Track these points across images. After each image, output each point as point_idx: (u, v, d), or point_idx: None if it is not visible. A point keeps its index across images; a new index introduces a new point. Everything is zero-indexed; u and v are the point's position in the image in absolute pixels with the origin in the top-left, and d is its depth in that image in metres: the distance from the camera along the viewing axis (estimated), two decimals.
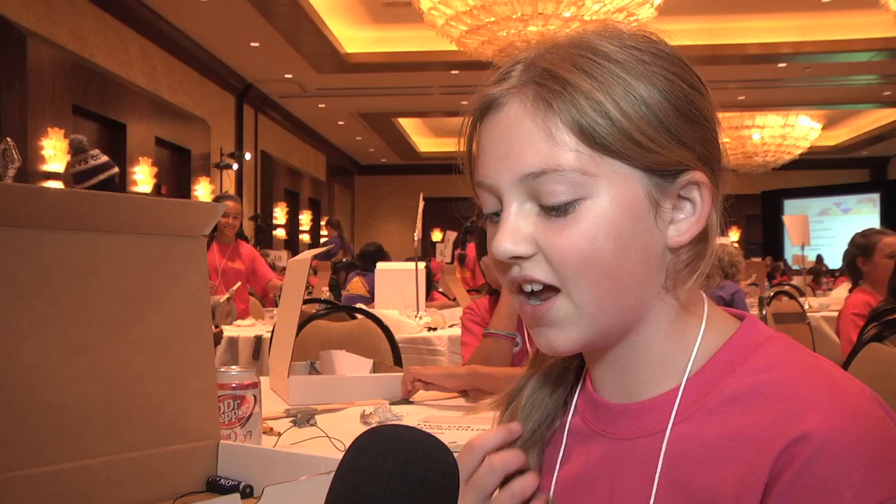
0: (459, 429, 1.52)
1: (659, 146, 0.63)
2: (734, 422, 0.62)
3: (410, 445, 0.52)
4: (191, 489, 1.00)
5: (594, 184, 0.63)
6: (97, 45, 7.55)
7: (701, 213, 0.66)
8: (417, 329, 3.71)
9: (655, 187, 0.65)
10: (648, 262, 0.65)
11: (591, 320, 0.65)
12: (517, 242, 0.65)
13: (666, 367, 0.68)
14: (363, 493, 0.50)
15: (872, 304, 3.43)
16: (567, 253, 0.63)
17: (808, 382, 0.61)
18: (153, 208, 1.01)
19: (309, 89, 11.53)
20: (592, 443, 0.71)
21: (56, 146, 6.42)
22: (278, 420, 1.63)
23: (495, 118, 0.67)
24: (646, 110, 0.63)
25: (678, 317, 0.68)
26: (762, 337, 0.67)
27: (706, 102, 0.67)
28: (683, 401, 0.66)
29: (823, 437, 0.57)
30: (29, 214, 0.88)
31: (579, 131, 0.63)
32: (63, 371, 0.90)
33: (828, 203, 16.72)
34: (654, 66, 0.65)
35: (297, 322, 1.97)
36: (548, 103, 0.64)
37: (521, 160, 0.64)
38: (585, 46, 0.65)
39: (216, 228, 4.88)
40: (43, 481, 0.87)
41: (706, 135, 0.67)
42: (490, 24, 6.80)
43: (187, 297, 1.02)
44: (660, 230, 0.65)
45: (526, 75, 0.66)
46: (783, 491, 0.57)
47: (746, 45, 9.72)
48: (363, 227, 18.00)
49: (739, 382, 0.64)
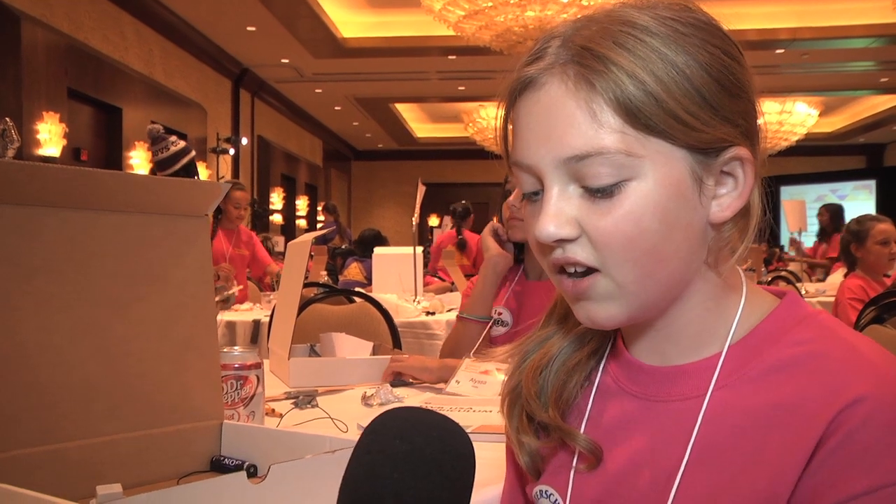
0: (461, 410, 1.52)
1: (703, 123, 0.63)
2: (778, 390, 0.62)
3: (426, 427, 0.52)
4: (195, 469, 1.01)
5: (639, 165, 0.62)
6: (92, 29, 7.49)
7: (744, 188, 0.66)
8: (416, 313, 3.71)
9: (699, 164, 0.64)
10: (692, 238, 0.65)
11: (633, 297, 0.65)
12: (561, 225, 0.64)
13: (704, 337, 0.68)
14: (379, 474, 0.50)
15: (867, 289, 3.45)
16: (613, 235, 0.63)
17: (852, 355, 0.62)
18: (156, 187, 1.01)
19: (306, 74, 11.48)
20: (624, 400, 0.72)
21: (51, 130, 6.37)
22: (279, 402, 1.64)
23: (533, 98, 0.66)
24: (688, 86, 0.62)
25: (718, 292, 0.68)
26: (805, 312, 0.68)
27: (745, 73, 0.66)
28: (724, 368, 0.66)
29: (875, 402, 0.57)
30: (32, 193, 0.88)
31: (623, 112, 0.62)
32: (66, 350, 0.90)
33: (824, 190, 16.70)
34: (694, 38, 0.64)
35: (297, 305, 1.97)
36: (590, 83, 0.62)
37: (563, 142, 0.63)
38: (622, 20, 0.64)
39: (222, 215, 4.89)
40: (47, 460, 0.87)
41: (747, 107, 0.66)
42: (487, 9, 6.77)
43: (191, 277, 1.02)
44: (703, 207, 0.65)
45: (564, 53, 0.65)
46: (825, 457, 0.58)
47: (744, 31, 9.67)
48: (360, 212, 17.97)
49: (783, 353, 0.64)
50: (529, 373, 0.75)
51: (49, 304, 0.89)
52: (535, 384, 0.75)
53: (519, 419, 0.75)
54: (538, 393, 0.74)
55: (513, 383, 0.77)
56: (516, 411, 0.76)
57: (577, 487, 0.71)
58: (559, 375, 0.75)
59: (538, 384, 0.75)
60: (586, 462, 0.71)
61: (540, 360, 0.76)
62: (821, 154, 16.85)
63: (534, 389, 0.74)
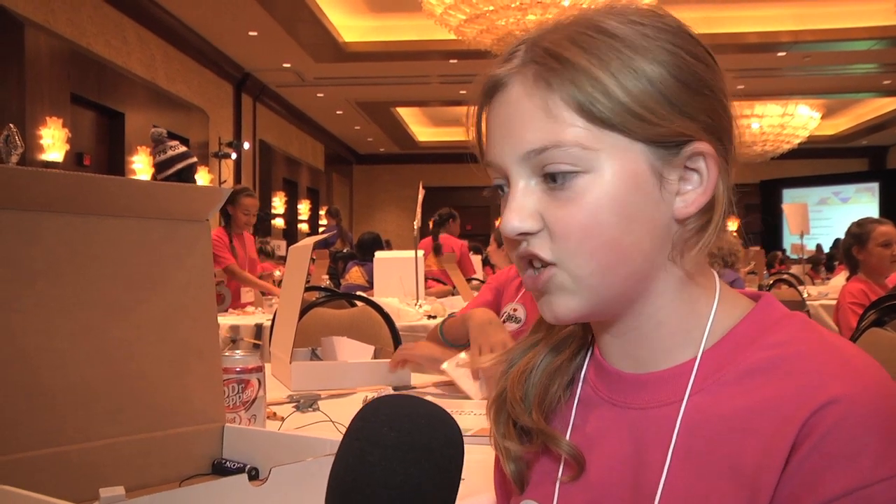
0: (461, 413, 1.53)
1: (659, 118, 0.64)
2: (754, 394, 0.62)
3: (415, 415, 0.53)
4: (196, 471, 1.01)
5: (595, 158, 0.64)
6: (95, 34, 7.51)
7: (707, 183, 0.66)
8: (417, 317, 3.71)
9: (659, 159, 0.65)
10: (654, 233, 0.66)
11: (592, 291, 0.66)
12: (524, 219, 0.66)
13: (677, 340, 0.68)
14: (368, 461, 0.50)
15: (868, 293, 3.44)
16: (570, 226, 0.64)
17: (827, 356, 0.62)
18: (157, 192, 1.01)
19: (307, 78, 11.50)
20: (603, 410, 0.72)
21: (54, 135, 6.38)
22: (281, 405, 1.64)
23: (500, 99, 0.68)
24: (645, 83, 0.63)
25: (685, 287, 0.68)
26: (780, 314, 0.68)
27: (712, 73, 0.67)
28: (699, 372, 0.66)
29: (848, 402, 0.57)
30: (34, 197, 0.88)
31: (578, 107, 0.63)
32: (68, 354, 0.91)
33: (826, 192, 16.71)
34: (657, 40, 0.65)
35: (298, 308, 1.98)
36: (547, 82, 0.65)
37: (523, 138, 0.65)
38: (587, 24, 0.66)
39: (231, 220, 4.91)
40: (49, 463, 0.88)
41: (711, 105, 0.67)
42: (489, 13, 6.78)
43: (191, 281, 1.02)
44: (666, 202, 0.66)
45: (528, 55, 0.67)
46: (801, 460, 0.57)
47: (746, 34, 9.69)
48: (361, 216, 17.98)
49: (758, 356, 0.64)
50: (514, 378, 0.76)
51: (50, 307, 0.89)
52: (519, 389, 0.75)
53: (505, 425, 0.75)
54: (522, 398, 0.74)
55: (499, 390, 0.77)
56: (502, 418, 0.76)
57: (563, 499, 0.71)
58: (542, 380, 0.75)
59: (523, 389, 0.75)
60: (571, 472, 0.71)
61: (525, 366, 0.76)
62: (823, 157, 16.84)
63: (518, 394, 0.74)
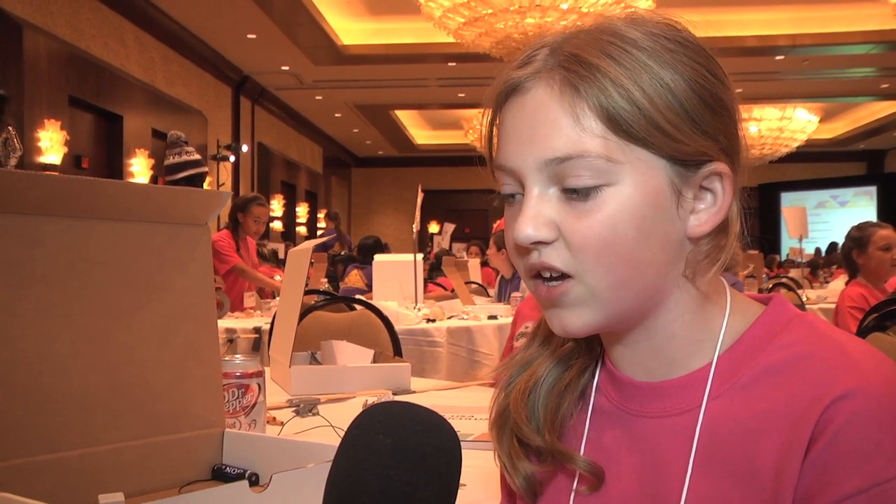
0: (461, 418, 1.52)
1: (684, 135, 0.63)
2: (770, 396, 0.63)
3: (410, 422, 0.52)
4: (196, 477, 1.00)
5: (619, 171, 0.63)
6: (93, 36, 7.51)
7: (722, 203, 0.66)
8: (416, 321, 3.71)
9: (678, 176, 0.65)
10: (668, 249, 0.66)
11: (606, 304, 0.65)
12: (539, 227, 0.64)
13: (690, 349, 0.68)
14: (365, 468, 0.50)
15: (868, 297, 3.44)
16: (589, 238, 0.63)
17: (839, 353, 0.62)
18: (157, 196, 1.01)
19: (306, 81, 11.50)
20: (620, 419, 0.71)
21: (52, 138, 6.37)
22: (281, 410, 1.63)
23: (519, 102, 0.67)
24: (671, 99, 0.63)
25: (699, 306, 0.68)
26: (791, 315, 0.68)
27: (729, 93, 0.68)
28: (715, 378, 0.66)
29: (861, 397, 0.58)
30: (33, 201, 0.88)
31: (606, 118, 0.63)
32: (68, 359, 0.90)
33: (825, 196, 16.73)
34: (680, 55, 0.65)
35: (298, 312, 1.97)
36: (575, 88, 0.63)
37: (546, 145, 0.64)
38: (612, 32, 0.65)
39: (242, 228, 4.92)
40: (49, 468, 0.87)
41: (728, 126, 0.67)
42: (487, 16, 6.80)
43: (192, 286, 1.02)
44: (681, 219, 0.66)
45: (552, 59, 0.66)
46: (816, 457, 0.58)
47: (744, 38, 9.70)
48: (360, 219, 17.97)
49: (771, 358, 0.64)
50: (517, 396, 0.74)
51: (50, 312, 0.89)
52: (524, 408, 0.73)
53: (510, 444, 0.74)
54: (528, 416, 0.73)
55: (499, 409, 0.76)
56: (506, 436, 0.75)
57: None
58: (551, 398, 0.74)
59: (528, 407, 0.74)
60: (587, 483, 0.70)
61: (527, 383, 0.75)
62: (821, 160, 16.86)
63: (524, 413, 0.73)
